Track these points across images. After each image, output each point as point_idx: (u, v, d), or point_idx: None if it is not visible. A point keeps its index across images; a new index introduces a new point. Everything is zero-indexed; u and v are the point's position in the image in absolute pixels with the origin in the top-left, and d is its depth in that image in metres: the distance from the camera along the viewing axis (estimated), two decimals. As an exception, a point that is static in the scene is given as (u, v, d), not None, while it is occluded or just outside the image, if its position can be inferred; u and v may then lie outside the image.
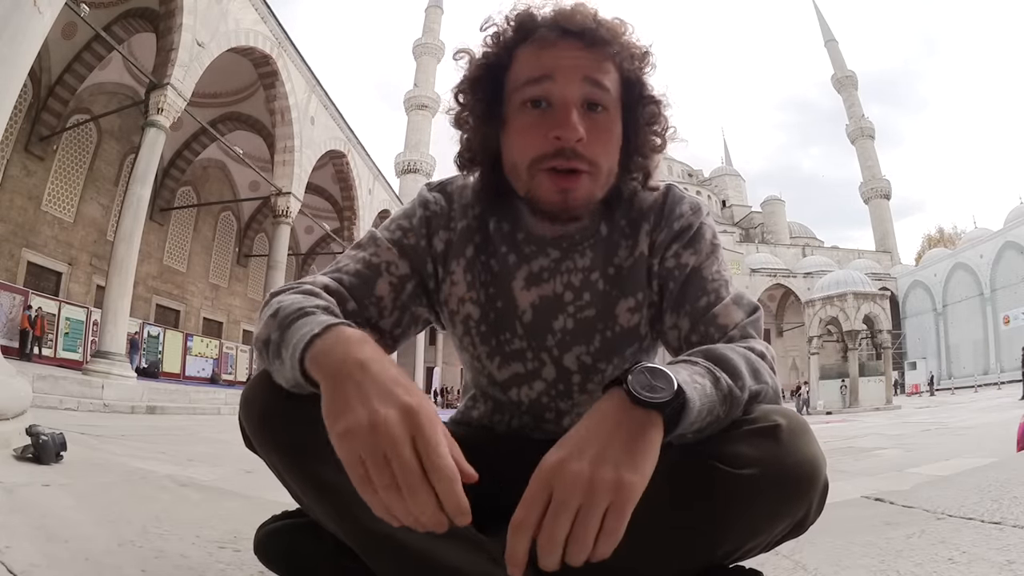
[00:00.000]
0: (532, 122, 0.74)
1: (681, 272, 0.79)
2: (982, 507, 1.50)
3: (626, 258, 0.82)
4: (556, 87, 0.73)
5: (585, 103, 0.74)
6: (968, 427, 6.48)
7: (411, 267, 0.83)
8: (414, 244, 0.84)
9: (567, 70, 0.73)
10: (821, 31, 57.16)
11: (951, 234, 51.38)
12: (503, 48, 0.77)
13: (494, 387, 0.87)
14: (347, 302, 0.77)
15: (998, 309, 30.27)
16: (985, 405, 12.20)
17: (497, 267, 0.84)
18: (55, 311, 13.82)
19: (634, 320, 0.82)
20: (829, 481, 0.64)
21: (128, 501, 1.65)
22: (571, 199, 0.75)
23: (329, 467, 0.63)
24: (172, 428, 5.90)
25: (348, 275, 0.79)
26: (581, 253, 0.83)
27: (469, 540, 0.65)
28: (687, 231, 0.81)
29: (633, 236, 0.83)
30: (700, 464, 0.61)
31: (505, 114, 0.78)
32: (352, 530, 0.66)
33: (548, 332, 0.82)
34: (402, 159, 47.98)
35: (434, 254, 0.85)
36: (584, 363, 0.82)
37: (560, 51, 0.74)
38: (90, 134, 16.40)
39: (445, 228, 0.85)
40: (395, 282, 0.81)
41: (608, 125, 0.76)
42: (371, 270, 0.80)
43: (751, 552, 0.66)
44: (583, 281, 0.82)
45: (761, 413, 0.64)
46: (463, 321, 0.85)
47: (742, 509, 0.60)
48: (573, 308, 0.82)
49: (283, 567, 0.82)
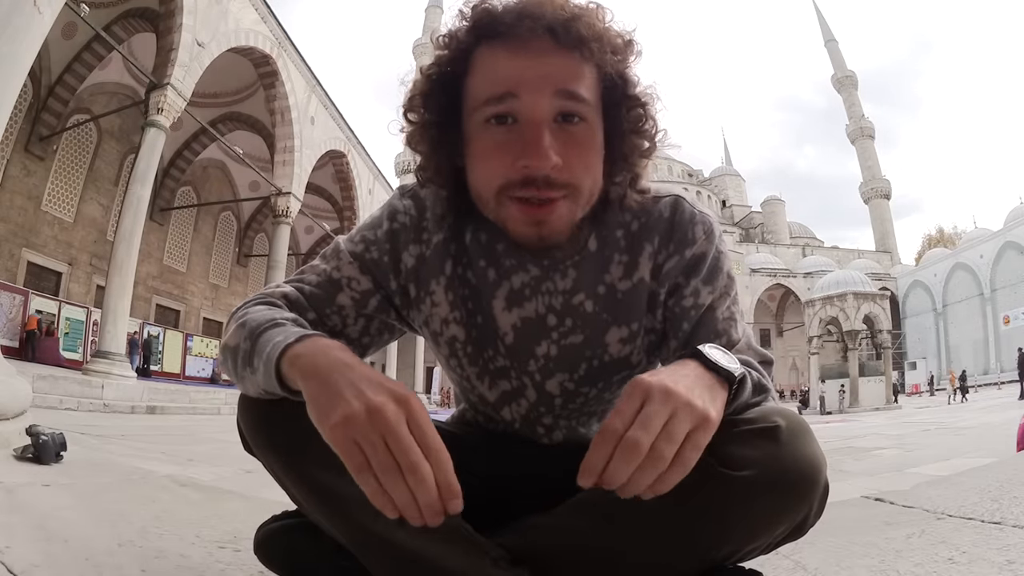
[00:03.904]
0: (496, 144, 0.64)
1: (697, 312, 0.73)
2: (982, 507, 1.50)
3: (621, 278, 0.74)
4: (523, 105, 0.63)
5: (558, 115, 0.64)
6: (968, 427, 6.48)
7: (374, 283, 0.76)
8: (376, 259, 0.76)
9: (535, 83, 0.62)
10: (821, 31, 57.21)
11: (951, 234, 51.42)
12: (458, 52, 0.66)
13: (486, 407, 0.83)
14: (307, 312, 0.74)
15: (998, 309, 30.28)
16: (985, 405, 12.20)
17: (475, 280, 0.77)
18: (55, 311, 13.82)
19: (626, 351, 0.75)
20: (829, 482, 0.64)
21: (128, 501, 1.65)
22: (546, 230, 0.66)
23: (326, 470, 0.63)
24: (172, 428, 5.90)
25: (309, 285, 0.75)
26: (563, 273, 0.74)
27: (467, 540, 0.64)
28: (702, 262, 0.72)
29: (631, 254, 0.74)
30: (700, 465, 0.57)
31: (466, 131, 0.67)
32: (350, 532, 0.66)
33: (531, 357, 0.76)
34: (402, 159, 48.04)
35: (402, 270, 0.77)
36: (567, 388, 0.77)
37: (526, 59, 0.62)
38: (90, 134, 16.40)
39: (416, 242, 0.77)
40: (357, 297, 0.76)
41: (587, 138, 0.66)
42: (332, 285, 0.75)
43: (751, 554, 0.66)
44: (565, 304, 0.74)
45: (760, 414, 0.62)
46: (448, 343, 0.79)
47: (741, 511, 0.59)
48: (557, 334, 0.75)
49: (283, 567, 0.82)
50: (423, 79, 0.69)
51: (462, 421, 0.91)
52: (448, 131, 0.69)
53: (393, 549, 0.63)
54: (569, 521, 0.66)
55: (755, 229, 52.35)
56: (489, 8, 0.64)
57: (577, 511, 0.66)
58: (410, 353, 28.58)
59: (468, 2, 0.65)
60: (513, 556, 0.65)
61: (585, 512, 0.65)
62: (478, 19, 0.64)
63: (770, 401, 0.67)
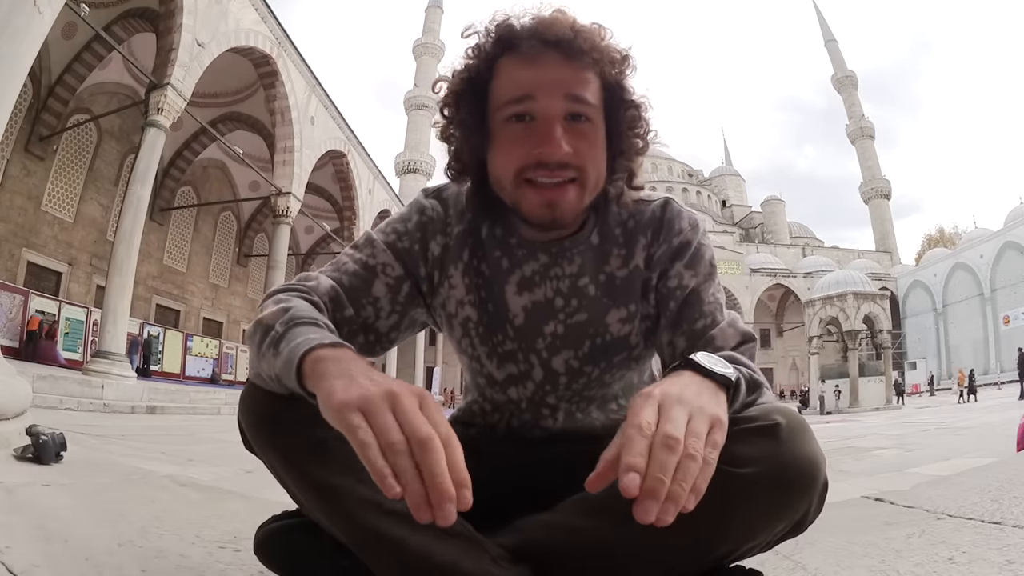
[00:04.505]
0: (516, 136, 0.75)
1: (682, 292, 0.81)
2: (982, 507, 1.50)
3: (619, 267, 0.84)
4: (539, 105, 0.74)
5: (568, 115, 0.74)
6: (968, 427, 6.48)
7: (405, 270, 0.85)
8: (408, 247, 0.85)
9: (549, 87, 0.73)
10: (821, 31, 57.25)
11: (951, 234, 51.46)
12: (484, 60, 0.77)
13: (494, 387, 0.89)
14: (344, 308, 0.80)
15: (998, 309, 30.29)
16: (985, 405, 12.20)
17: (488, 271, 0.85)
18: (55, 311, 13.83)
19: (625, 330, 0.83)
20: (829, 481, 0.64)
21: (128, 501, 1.65)
22: (558, 212, 0.76)
23: (326, 467, 0.65)
24: (172, 428, 5.91)
25: (347, 275, 0.82)
26: (570, 260, 0.84)
27: (468, 539, 0.65)
28: (686, 248, 0.82)
29: (628, 247, 0.84)
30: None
31: (490, 127, 0.78)
32: (350, 530, 0.66)
33: (539, 336, 0.84)
34: (402, 159, 48.02)
35: (429, 258, 0.86)
36: (571, 367, 0.84)
37: (541, 68, 0.74)
38: (90, 134, 16.40)
39: (442, 233, 0.87)
40: (391, 283, 0.83)
41: (592, 134, 0.76)
42: (368, 271, 0.83)
43: (751, 551, 0.66)
44: (571, 287, 0.83)
45: (761, 412, 0.64)
46: (462, 323, 0.86)
47: (741, 508, 0.60)
48: (563, 315, 0.83)
49: (283, 567, 0.82)
50: (456, 81, 0.79)
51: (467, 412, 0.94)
52: (475, 126, 0.79)
53: (393, 546, 0.63)
54: (568, 519, 0.67)
55: (755, 229, 52.37)
56: (511, 25, 0.75)
57: (576, 510, 0.67)
58: (410, 353, 28.62)
59: (493, 20, 0.77)
60: (512, 555, 0.66)
61: (584, 510, 0.66)
62: (502, 34, 0.76)
63: (766, 393, 0.70)
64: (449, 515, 0.46)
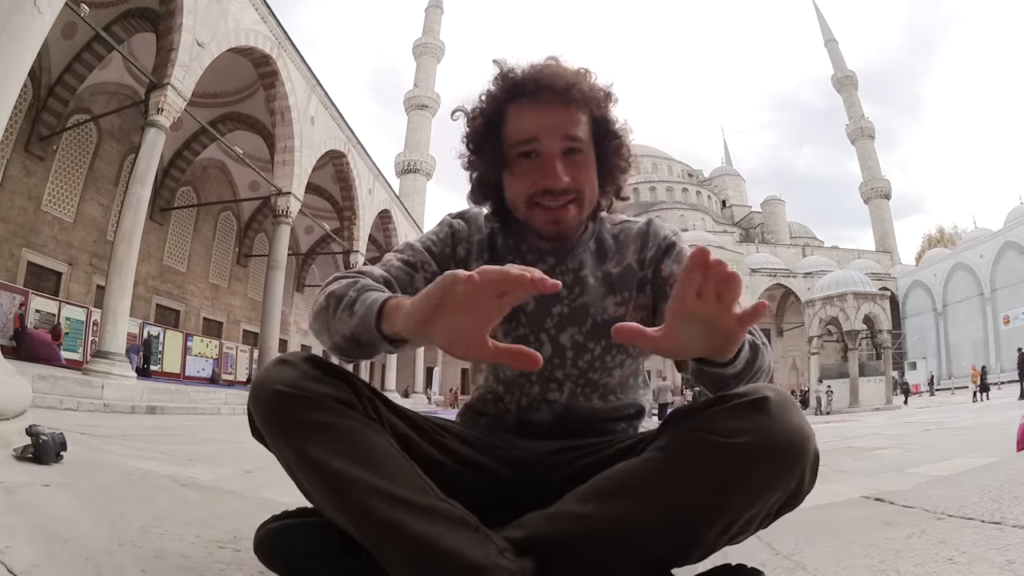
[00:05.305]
0: (526, 170, 0.94)
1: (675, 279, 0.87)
2: (982, 507, 1.49)
3: (614, 267, 1.00)
4: (542, 146, 0.92)
5: (566, 151, 0.92)
6: (968, 427, 6.48)
7: (439, 267, 0.99)
8: (440, 250, 1.02)
9: (549, 130, 0.92)
10: (821, 31, 57.20)
11: (951, 234, 51.45)
12: (496, 106, 0.96)
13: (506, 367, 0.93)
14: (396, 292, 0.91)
15: (998, 309, 30.28)
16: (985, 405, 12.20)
17: None
18: (55, 311, 13.82)
19: (620, 312, 0.97)
20: (830, 480, 0.65)
21: (128, 501, 1.65)
22: (563, 226, 0.95)
23: (338, 457, 0.68)
24: (172, 428, 5.91)
25: (394, 269, 0.96)
26: (572, 258, 1.00)
27: (474, 528, 0.67)
28: (673, 247, 1.01)
29: (620, 252, 1.02)
30: (696, 438, 0.69)
31: (505, 159, 0.96)
32: (357, 519, 0.68)
33: (547, 316, 0.96)
34: (402, 159, 48.00)
35: (456, 259, 1.03)
36: (577, 341, 0.96)
37: (542, 115, 0.92)
38: (90, 134, 16.40)
39: (466, 241, 1.04)
40: (428, 277, 0.96)
41: (585, 162, 0.95)
42: (411, 267, 0.97)
43: (750, 525, 0.70)
44: (575, 278, 0.98)
45: (751, 388, 0.71)
46: None
47: (737, 475, 0.66)
48: (568, 299, 0.97)
49: (283, 567, 0.82)
50: (475, 123, 0.98)
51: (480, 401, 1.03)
52: (492, 159, 0.97)
53: (403, 536, 0.65)
54: (568, 508, 0.70)
55: (755, 229, 52.35)
56: (515, 77, 0.94)
57: (579, 500, 0.70)
58: (410, 353, 28.56)
59: (500, 70, 0.96)
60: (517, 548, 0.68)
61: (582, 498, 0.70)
62: (508, 86, 0.94)
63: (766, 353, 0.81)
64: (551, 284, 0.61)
